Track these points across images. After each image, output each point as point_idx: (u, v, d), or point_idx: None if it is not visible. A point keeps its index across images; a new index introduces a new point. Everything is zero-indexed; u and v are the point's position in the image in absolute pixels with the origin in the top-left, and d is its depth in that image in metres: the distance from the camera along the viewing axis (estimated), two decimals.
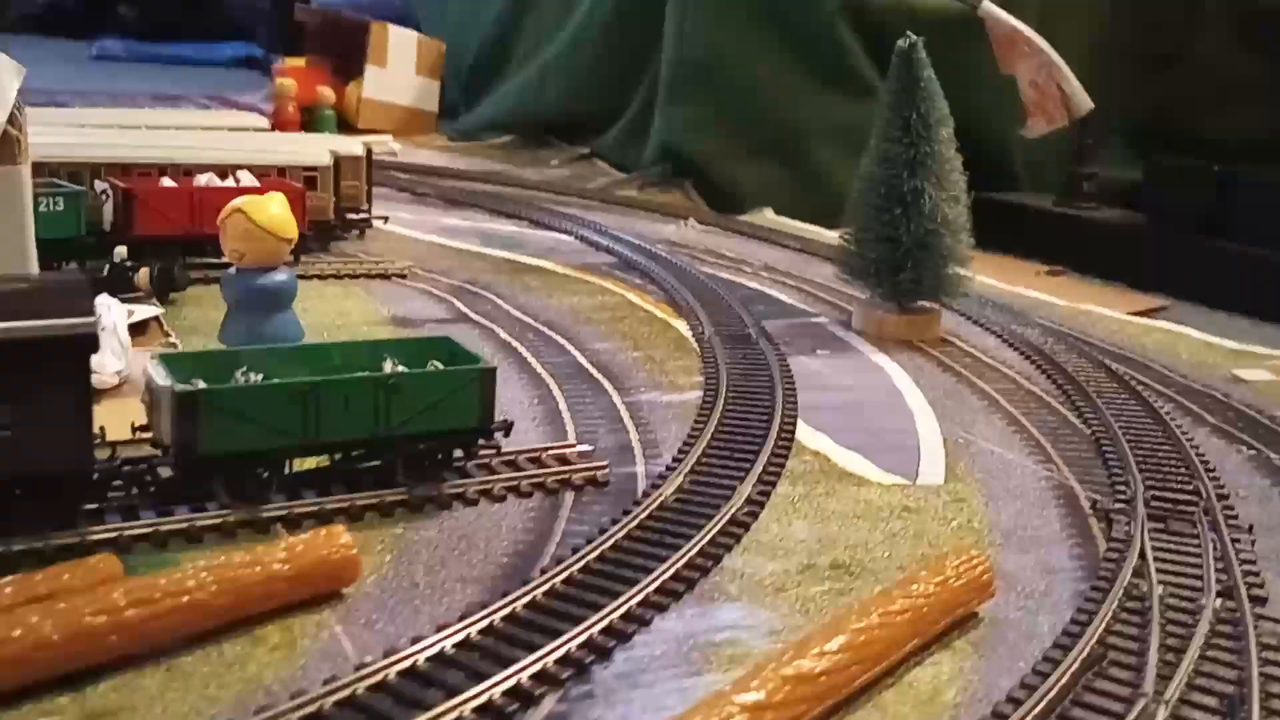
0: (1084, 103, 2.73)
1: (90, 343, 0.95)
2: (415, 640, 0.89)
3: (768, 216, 3.02)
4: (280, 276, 1.40)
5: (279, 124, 3.64)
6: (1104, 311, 2.20)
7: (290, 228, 1.39)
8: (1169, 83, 3.20)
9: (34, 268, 1.15)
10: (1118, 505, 1.24)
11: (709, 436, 1.35)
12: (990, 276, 2.40)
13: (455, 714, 0.80)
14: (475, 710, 0.81)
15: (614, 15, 3.69)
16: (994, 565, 1.06)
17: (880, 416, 1.53)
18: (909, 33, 1.82)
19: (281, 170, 2.10)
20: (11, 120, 1.12)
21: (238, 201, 1.38)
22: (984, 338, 1.95)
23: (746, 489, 1.21)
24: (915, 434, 1.47)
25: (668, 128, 3.30)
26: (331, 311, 1.81)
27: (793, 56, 3.12)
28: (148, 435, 1.08)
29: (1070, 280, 2.57)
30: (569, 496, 1.20)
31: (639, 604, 0.97)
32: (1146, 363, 1.84)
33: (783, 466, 1.32)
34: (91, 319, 0.95)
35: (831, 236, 2.57)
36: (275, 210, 1.39)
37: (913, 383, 1.67)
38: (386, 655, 0.86)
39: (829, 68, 3.07)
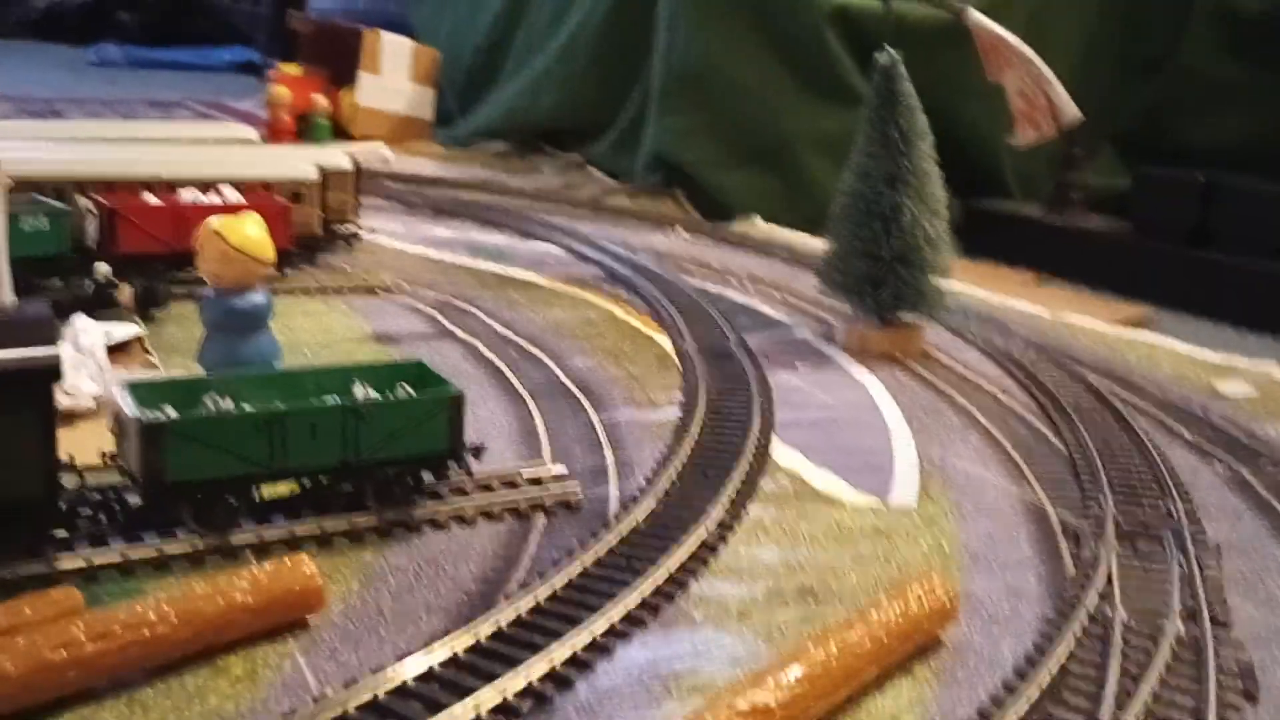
0: (1072, 113, 2.73)
1: (53, 373, 0.96)
2: (376, 670, 0.89)
3: (757, 225, 3.02)
4: (257, 298, 1.40)
5: (274, 132, 3.65)
6: (1087, 323, 2.20)
7: (266, 249, 1.40)
8: (1156, 90, 3.20)
9: (7, 293, 1.15)
10: (1087, 526, 1.25)
11: (683, 457, 1.35)
12: (978, 286, 2.41)
13: None
14: None
15: (606, 25, 3.70)
16: (959, 590, 1.06)
17: (857, 434, 1.54)
18: (888, 48, 1.82)
19: (267, 185, 2.10)
20: None
21: (212, 223, 1.38)
22: (966, 351, 1.96)
23: (716, 512, 1.22)
24: (890, 453, 1.48)
25: (659, 136, 3.31)
26: (315, 328, 1.82)
27: (782, 66, 3.12)
28: (118, 463, 1.09)
29: (1058, 290, 2.57)
30: (540, 520, 1.21)
31: (603, 633, 0.98)
32: (1127, 376, 1.85)
33: (755, 488, 1.32)
34: (54, 350, 0.96)
35: (819, 245, 2.58)
36: (251, 231, 1.39)
37: (891, 399, 1.68)
38: (347, 686, 0.87)
39: (818, 77, 3.07)
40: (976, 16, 2.74)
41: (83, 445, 1.19)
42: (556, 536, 1.17)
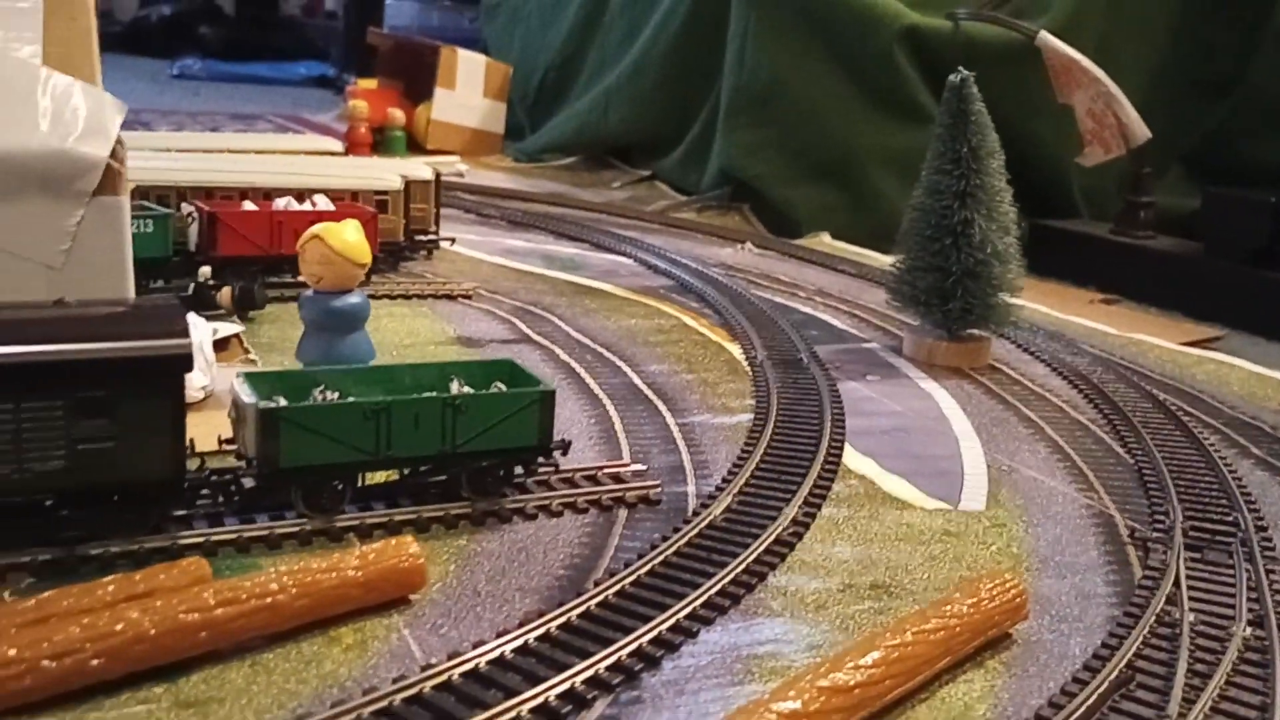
0: (1141, 132, 2.75)
1: (185, 362, 1.03)
2: (477, 645, 0.95)
3: (824, 241, 3.07)
4: (354, 299, 1.47)
5: (351, 144, 3.76)
6: (1156, 341, 2.21)
7: (364, 253, 1.47)
8: (1226, 110, 3.20)
9: (132, 291, 1.24)
10: (1155, 534, 1.28)
11: (758, 458, 1.41)
12: (1045, 304, 2.44)
13: (513, 714, 0.87)
14: (532, 711, 0.88)
15: (677, 42, 3.77)
16: (1029, 589, 1.10)
17: (926, 442, 1.58)
18: (960, 68, 1.87)
19: (355, 194, 2.19)
20: (113, 153, 1.21)
21: (316, 228, 1.46)
22: (1033, 365, 1.99)
23: (792, 510, 1.27)
24: (960, 460, 1.51)
25: (727, 152, 3.36)
26: (401, 330, 1.89)
27: (851, 84, 3.17)
28: (233, 448, 1.16)
29: (1125, 309, 2.58)
30: (622, 513, 1.26)
31: (686, 617, 1.03)
32: (1196, 393, 1.87)
33: (828, 489, 1.37)
34: (187, 340, 1.04)
35: (886, 261, 2.62)
36: (351, 237, 1.47)
37: (960, 409, 1.71)
38: (451, 657, 0.93)
39: (887, 95, 3.12)
40: (1048, 38, 2.77)
41: (195, 432, 1.27)
42: (638, 529, 1.23)
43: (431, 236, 2.41)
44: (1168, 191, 3.04)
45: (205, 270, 1.84)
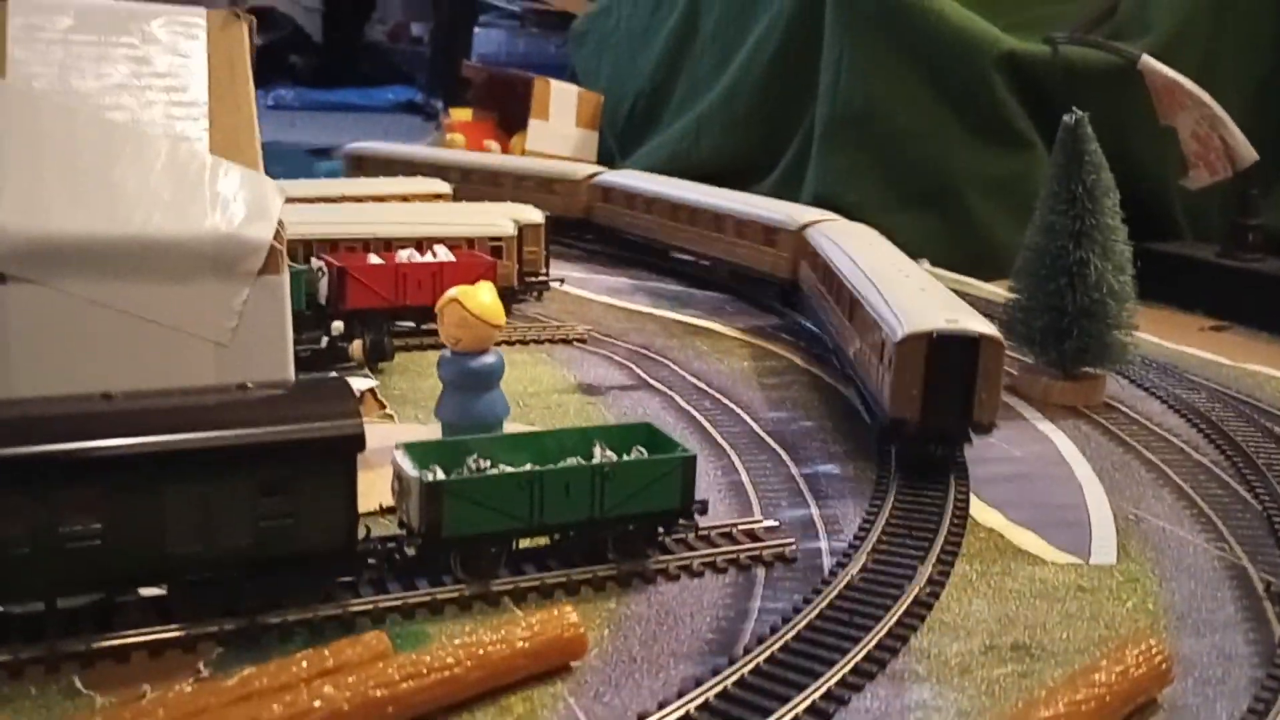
0: (1248, 155, 2.72)
1: (359, 442, 1.10)
2: (642, 716, 1.00)
3: (924, 268, 3.07)
4: (490, 359, 1.54)
5: None
6: (1272, 372, 2.19)
7: (499, 315, 1.54)
8: None
9: (292, 363, 1.31)
10: None
11: (887, 513, 1.43)
12: (1153, 333, 2.41)
13: None
14: None
15: (770, 68, 3.80)
16: (1171, 651, 1.12)
17: (1050, 490, 1.59)
18: (1075, 108, 1.88)
19: (470, 241, 2.26)
20: (275, 234, 1.28)
21: (454, 291, 1.53)
22: (1149, 402, 1.98)
23: (927, 569, 1.29)
24: (1085, 508, 1.53)
25: (822, 179, 3.38)
26: (524, 379, 1.95)
27: (948, 109, 3.17)
28: (398, 516, 1.22)
29: (1237, 335, 2.56)
30: (760, 572, 1.30)
31: (838, 684, 1.07)
32: None
33: (959, 544, 1.39)
34: (359, 420, 1.10)
35: (988, 289, 2.63)
36: (486, 298, 1.53)
37: (1079, 453, 1.72)
38: None
39: (984, 121, 3.11)
40: (1150, 61, 2.75)
41: None
42: (778, 589, 1.27)
43: (542, 278, 2.47)
44: (1275, 212, 2.99)
45: (338, 325, 1.92)
